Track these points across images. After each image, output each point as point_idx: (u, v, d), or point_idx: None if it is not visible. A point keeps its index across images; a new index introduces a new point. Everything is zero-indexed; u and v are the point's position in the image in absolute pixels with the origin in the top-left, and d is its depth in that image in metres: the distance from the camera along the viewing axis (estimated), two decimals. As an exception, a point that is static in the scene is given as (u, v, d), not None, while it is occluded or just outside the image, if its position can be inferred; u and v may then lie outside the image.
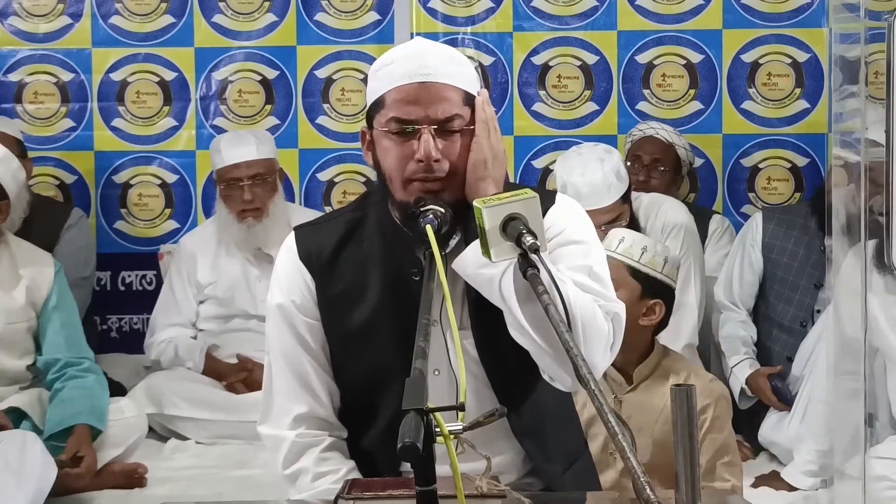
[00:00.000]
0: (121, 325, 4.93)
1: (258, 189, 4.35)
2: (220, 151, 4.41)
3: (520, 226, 1.83)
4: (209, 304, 4.47)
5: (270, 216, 4.35)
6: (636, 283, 2.88)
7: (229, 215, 4.39)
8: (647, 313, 2.91)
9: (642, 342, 2.94)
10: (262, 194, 4.36)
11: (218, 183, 4.43)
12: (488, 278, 1.97)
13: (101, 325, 4.87)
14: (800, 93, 4.86)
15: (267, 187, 4.38)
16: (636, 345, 2.91)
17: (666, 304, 2.96)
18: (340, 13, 4.91)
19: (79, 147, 4.91)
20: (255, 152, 4.38)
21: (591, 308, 1.96)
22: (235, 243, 4.42)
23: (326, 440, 2.19)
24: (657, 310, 2.93)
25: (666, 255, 2.97)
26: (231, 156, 4.37)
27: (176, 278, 4.51)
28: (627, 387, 2.93)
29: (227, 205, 4.39)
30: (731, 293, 4.33)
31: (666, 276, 2.95)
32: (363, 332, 2.15)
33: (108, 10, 4.90)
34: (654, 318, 2.93)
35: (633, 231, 3.32)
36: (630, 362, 2.92)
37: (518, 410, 2.15)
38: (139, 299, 4.87)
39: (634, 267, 2.89)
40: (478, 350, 2.13)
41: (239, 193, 4.34)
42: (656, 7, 4.86)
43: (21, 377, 3.85)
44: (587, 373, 1.56)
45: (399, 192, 2.08)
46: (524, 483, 2.20)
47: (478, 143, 2.07)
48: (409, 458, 1.38)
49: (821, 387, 3.70)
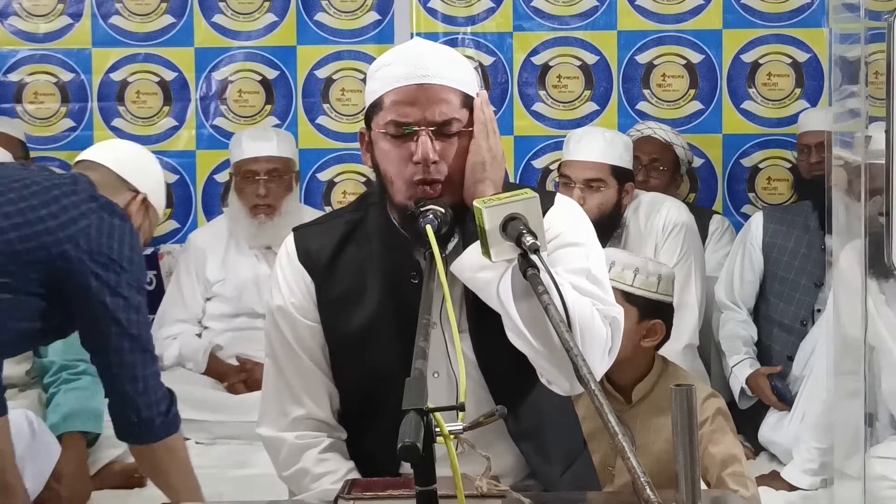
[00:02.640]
0: (121, 325, 4.92)
1: (273, 185, 4.38)
2: (241, 144, 4.47)
3: (520, 226, 1.83)
4: (216, 301, 4.48)
5: (282, 215, 4.36)
6: (632, 307, 2.82)
7: (242, 209, 4.41)
8: (647, 335, 2.88)
9: (642, 360, 2.91)
10: (277, 191, 4.38)
11: (234, 176, 4.47)
12: (486, 281, 1.97)
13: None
14: (800, 93, 4.85)
15: (282, 185, 4.41)
16: (639, 364, 2.89)
17: (666, 320, 2.93)
18: (340, 13, 4.91)
19: (79, 147, 4.85)
20: (275, 148, 4.42)
21: (590, 312, 1.95)
22: (245, 239, 4.43)
23: (325, 441, 2.19)
24: (658, 329, 2.90)
25: (659, 273, 2.93)
26: (251, 149, 4.42)
27: (184, 274, 4.52)
28: (627, 406, 2.89)
29: (240, 198, 4.42)
30: (731, 293, 4.33)
31: (662, 295, 2.92)
32: (362, 334, 2.15)
33: (108, 10, 4.90)
34: (656, 338, 2.90)
35: (623, 252, 3.32)
36: (629, 381, 2.89)
37: (516, 413, 2.14)
38: (139, 299, 4.86)
39: (628, 292, 2.85)
40: (475, 353, 2.13)
41: (253, 187, 4.37)
42: (656, 7, 4.86)
43: (20, 381, 3.87)
44: (587, 373, 1.56)
45: (397, 195, 2.07)
46: (523, 485, 2.20)
47: (476, 145, 2.06)
48: (409, 458, 1.38)
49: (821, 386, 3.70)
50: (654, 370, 2.92)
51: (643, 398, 2.89)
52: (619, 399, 2.89)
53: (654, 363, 2.94)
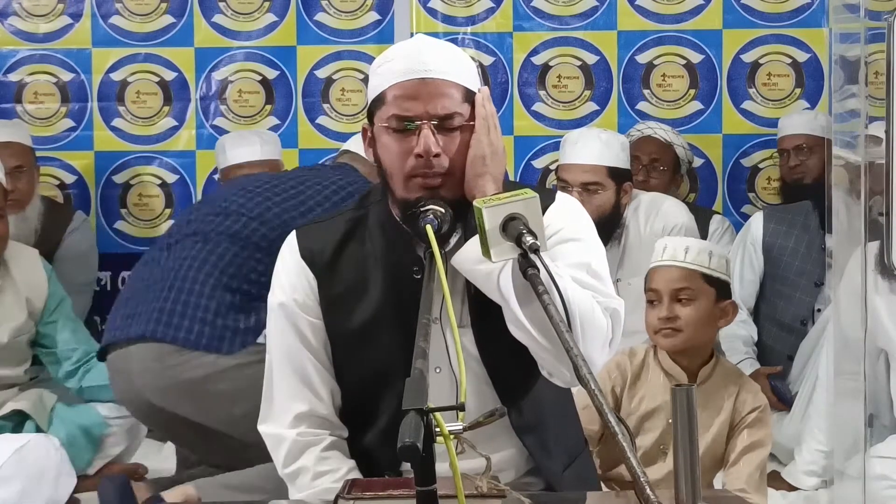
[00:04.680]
0: (121, 325, 4.92)
1: None
2: (225, 150, 4.48)
3: (520, 226, 1.83)
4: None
5: None
6: (711, 289, 2.94)
7: None
8: (722, 315, 2.98)
9: (710, 344, 3.01)
10: None
11: (222, 182, 4.45)
12: (486, 274, 1.97)
13: (101, 325, 4.85)
14: (800, 93, 4.85)
15: None
16: (706, 347, 3.00)
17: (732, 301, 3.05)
18: (340, 13, 4.91)
19: (79, 147, 4.91)
20: (258, 152, 4.41)
21: (590, 304, 1.95)
22: None
23: (327, 439, 2.19)
24: (730, 310, 3.00)
25: (725, 256, 3.05)
26: (235, 155, 4.42)
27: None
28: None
29: None
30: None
31: (729, 276, 3.03)
32: (365, 330, 2.16)
33: (108, 10, 4.90)
34: (729, 318, 3.01)
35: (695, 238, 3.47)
36: (698, 362, 2.97)
37: (518, 407, 2.15)
38: (139, 299, 4.86)
39: (707, 273, 2.95)
40: (478, 347, 2.14)
41: None
42: (656, 7, 4.86)
43: (19, 380, 3.92)
44: (587, 373, 1.56)
45: (399, 189, 2.08)
46: (524, 482, 2.20)
47: (477, 140, 2.07)
48: (409, 457, 1.38)
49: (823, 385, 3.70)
50: (714, 356, 3.02)
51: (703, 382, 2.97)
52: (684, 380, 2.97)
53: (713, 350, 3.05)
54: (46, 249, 4.23)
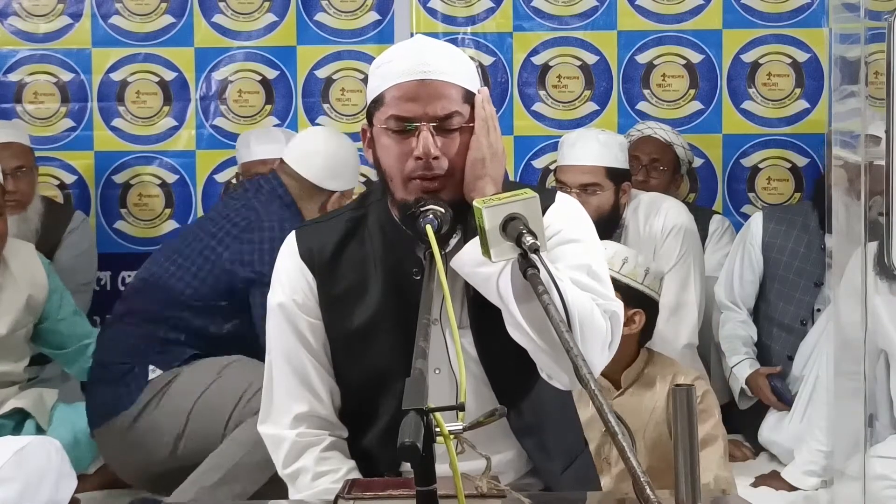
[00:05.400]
0: (121, 325, 4.92)
1: None
2: (249, 146, 4.49)
3: (520, 226, 1.83)
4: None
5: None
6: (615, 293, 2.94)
7: None
8: (626, 323, 2.93)
9: (626, 350, 3.02)
10: None
11: (242, 176, 4.46)
12: (486, 276, 1.97)
13: (100, 325, 4.86)
14: (800, 93, 4.85)
15: None
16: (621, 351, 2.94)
17: (647, 314, 3.09)
18: (340, 13, 4.91)
19: (79, 147, 4.91)
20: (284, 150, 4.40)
21: (590, 306, 1.95)
22: None
23: (327, 440, 2.19)
24: (636, 319, 3.05)
25: (647, 267, 3.10)
26: (259, 151, 4.44)
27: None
28: (616, 392, 3.04)
29: None
30: (731, 293, 4.33)
31: (646, 287, 3.09)
32: (364, 331, 2.15)
33: (108, 10, 4.90)
34: (633, 327, 3.04)
35: (617, 243, 3.48)
36: (616, 369, 3.02)
37: (518, 409, 2.15)
38: (139, 299, 4.86)
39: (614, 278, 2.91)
40: (477, 349, 2.14)
41: None
42: (656, 7, 4.86)
43: (18, 378, 3.91)
44: (587, 373, 1.56)
45: (399, 191, 2.08)
46: (524, 483, 2.20)
47: (477, 141, 2.07)
48: (409, 457, 1.38)
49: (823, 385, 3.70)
50: (639, 359, 3.09)
51: (631, 384, 3.05)
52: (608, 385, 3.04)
53: (640, 353, 3.11)
54: (46, 249, 4.23)
